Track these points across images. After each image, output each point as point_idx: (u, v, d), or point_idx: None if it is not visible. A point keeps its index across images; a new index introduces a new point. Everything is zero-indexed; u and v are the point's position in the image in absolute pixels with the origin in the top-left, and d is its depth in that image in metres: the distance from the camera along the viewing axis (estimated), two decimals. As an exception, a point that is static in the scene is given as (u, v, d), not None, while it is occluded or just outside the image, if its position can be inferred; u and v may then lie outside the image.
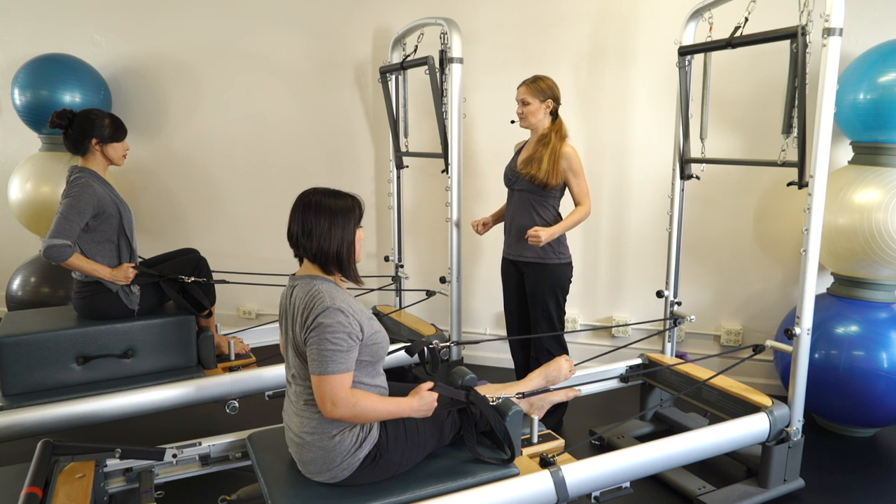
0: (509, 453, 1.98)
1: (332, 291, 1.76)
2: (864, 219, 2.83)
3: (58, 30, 4.23)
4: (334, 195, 1.83)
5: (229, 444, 2.23)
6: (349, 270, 1.84)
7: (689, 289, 3.58)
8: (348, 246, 1.82)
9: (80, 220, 2.53)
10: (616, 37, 3.57)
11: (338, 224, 1.79)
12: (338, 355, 1.68)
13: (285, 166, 4.16)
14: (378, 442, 1.82)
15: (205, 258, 2.91)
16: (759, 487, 2.49)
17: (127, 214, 2.71)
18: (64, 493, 1.80)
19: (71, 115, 2.66)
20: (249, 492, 2.10)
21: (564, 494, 1.97)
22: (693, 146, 2.93)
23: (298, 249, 1.84)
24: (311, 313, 1.72)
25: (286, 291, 1.88)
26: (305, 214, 1.79)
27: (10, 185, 3.88)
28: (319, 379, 1.68)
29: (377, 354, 1.84)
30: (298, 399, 1.84)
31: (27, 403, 2.41)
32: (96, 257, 2.62)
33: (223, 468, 2.25)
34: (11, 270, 3.95)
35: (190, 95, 4.19)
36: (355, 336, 1.72)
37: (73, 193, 2.56)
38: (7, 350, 2.45)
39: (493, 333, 3.99)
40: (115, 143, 2.71)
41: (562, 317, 2.92)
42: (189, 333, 2.77)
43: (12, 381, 2.47)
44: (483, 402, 1.98)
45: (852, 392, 2.85)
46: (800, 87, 2.32)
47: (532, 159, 2.81)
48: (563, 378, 2.39)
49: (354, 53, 3.96)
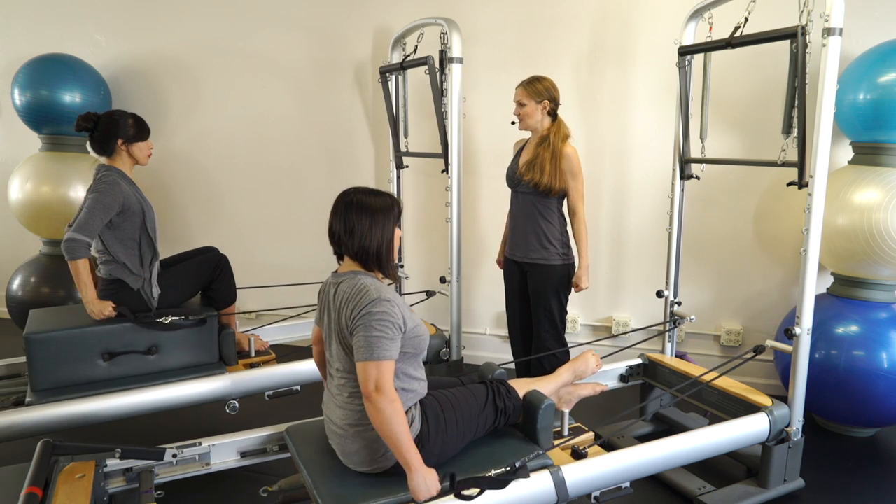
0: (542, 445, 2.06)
1: (378, 285, 1.83)
2: (864, 219, 2.83)
3: (58, 30, 4.24)
4: (375, 194, 1.89)
5: (267, 437, 2.28)
6: (388, 268, 1.90)
7: (689, 289, 3.58)
8: (388, 244, 1.88)
9: (104, 216, 2.58)
10: (616, 37, 3.57)
11: (378, 223, 1.85)
12: (383, 342, 1.73)
13: (285, 166, 4.16)
14: (420, 433, 1.88)
15: (225, 257, 2.95)
16: (759, 487, 2.49)
17: (150, 214, 2.75)
18: (64, 493, 1.80)
19: (96, 117, 2.72)
20: (290, 482, 2.14)
21: (564, 494, 1.97)
22: (693, 146, 2.93)
23: (340, 247, 1.89)
24: (358, 305, 1.77)
25: (328, 288, 1.92)
26: (347, 213, 1.84)
27: (10, 185, 3.88)
28: (365, 364, 1.72)
29: (419, 347, 1.89)
30: (342, 392, 1.88)
31: (54, 399, 2.45)
32: (118, 254, 2.66)
33: (261, 461, 2.31)
34: (11, 270, 3.95)
35: (190, 95, 4.19)
36: (399, 326, 1.78)
37: (101, 189, 2.61)
38: (36, 346, 2.48)
39: (493, 334, 3.99)
40: (140, 142, 2.77)
41: (564, 317, 2.92)
42: (211, 331, 2.81)
43: (41, 377, 2.51)
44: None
45: (852, 392, 2.85)
46: (800, 87, 2.31)
47: (534, 164, 2.80)
48: (590, 372, 2.48)
49: (354, 53, 3.96)
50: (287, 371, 2.80)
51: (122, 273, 2.66)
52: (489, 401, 2.05)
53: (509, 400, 2.08)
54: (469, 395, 2.03)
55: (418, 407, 1.91)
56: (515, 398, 2.10)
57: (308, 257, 4.16)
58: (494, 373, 2.27)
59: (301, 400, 2.79)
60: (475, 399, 2.03)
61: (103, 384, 2.57)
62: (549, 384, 2.31)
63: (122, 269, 2.66)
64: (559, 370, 2.42)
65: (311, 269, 4.04)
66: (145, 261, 2.72)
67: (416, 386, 1.92)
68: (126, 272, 2.66)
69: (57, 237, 3.93)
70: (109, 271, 2.67)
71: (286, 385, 2.79)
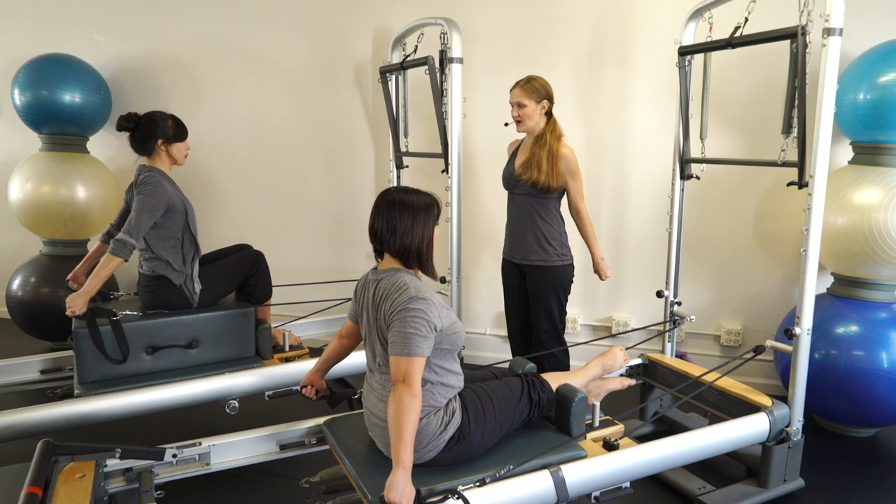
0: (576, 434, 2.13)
1: (417, 283, 1.87)
2: (864, 219, 2.83)
3: (58, 30, 4.24)
4: (415, 193, 1.95)
5: (306, 429, 2.32)
6: (428, 265, 1.95)
7: (689, 289, 3.58)
8: (428, 242, 1.93)
9: (151, 218, 2.67)
10: (616, 37, 3.57)
11: (419, 221, 1.90)
12: (416, 339, 1.77)
13: (285, 166, 4.16)
14: (461, 425, 1.91)
15: (261, 253, 3.04)
16: (759, 487, 2.49)
17: (192, 212, 2.84)
18: (64, 493, 1.80)
19: (136, 117, 2.79)
20: (331, 473, 2.18)
21: (564, 494, 1.97)
22: (693, 146, 2.93)
23: (381, 245, 1.93)
24: (396, 301, 1.82)
25: (368, 284, 1.96)
26: (390, 211, 1.90)
27: (10, 185, 3.88)
28: (398, 359, 1.77)
29: (456, 343, 1.93)
30: (384, 387, 1.91)
31: (101, 391, 2.52)
32: (161, 252, 2.74)
33: (300, 453, 2.33)
34: (11, 270, 3.95)
35: (190, 95, 4.19)
36: (433, 326, 1.81)
37: (146, 192, 2.68)
38: (84, 340, 2.56)
39: (493, 334, 3.99)
40: (179, 142, 2.85)
41: (563, 317, 2.92)
42: (248, 325, 2.91)
43: (88, 370, 2.59)
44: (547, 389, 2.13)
45: (852, 392, 2.85)
46: (800, 87, 2.31)
47: (531, 163, 2.79)
48: (618, 366, 2.54)
49: (354, 53, 3.96)
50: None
51: (164, 270, 2.75)
52: (524, 393, 2.10)
53: (543, 392, 2.13)
54: (505, 388, 2.08)
55: (458, 400, 1.95)
56: (549, 391, 2.16)
57: (308, 257, 4.16)
58: (525, 367, 2.31)
59: (300, 400, 2.79)
60: (511, 392, 2.08)
61: (147, 377, 2.67)
62: (579, 378, 2.37)
63: (164, 266, 2.75)
64: (589, 364, 2.48)
65: (311, 268, 4.04)
66: (187, 258, 2.80)
67: (453, 380, 1.96)
68: (169, 269, 2.75)
69: (57, 237, 3.93)
70: (152, 268, 2.76)
71: None
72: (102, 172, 4.03)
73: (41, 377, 2.91)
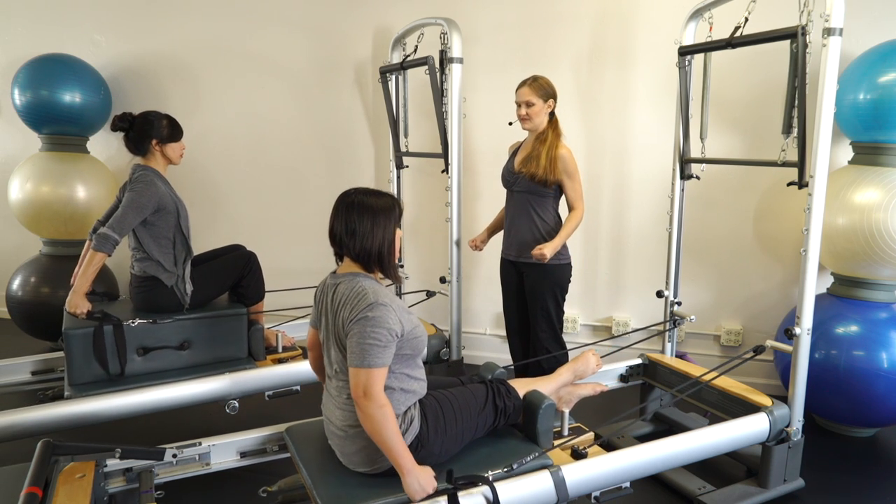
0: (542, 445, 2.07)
1: (376, 288, 1.81)
2: (864, 219, 2.83)
3: (58, 30, 4.23)
4: (375, 194, 1.88)
5: (266, 437, 2.28)
6: (389, 269, 1.89)
7: (689, 289, 3.58)
8: (389, 245, 1.87)
9: (139, 216, 2.66)
10: (616, 37, 3.57)
11: (380, 223, 1.84)
12: (376, 349, 1.72)
13: (285, 166, 4.16)
14: (419, 434, 1.87)
15: (253, 254, 3.02)
16: (759, 487, 2.49)
17: (184, 213, 2.83)
18: (64, 493, 1.80)
19: (131, 117, 2.79)
20: (289, 483, 2.14)
21: (564, 494, 1.97)
22: (693, 146, 2.93)
23: (341, 248, 1.88)
24: (355, 308, 1.77)
25: (327, 289, 1.91)
26: (349, 214, 1.84)
27: (10, 185, 3.88)
28: (357, 371, 1.73)
29: (417, 348, 1.89)
30: (341, 393, 1.88)
31: (92, 393, 2.50)
32: (153, 252, 2.73)
33: (261, 461, 2.30)
34: (11, 270, 3.95)
35: (190, 95, 4.19)
36: (395, 333, 1.77)
37: (137, 189, 2.68)
38: (75, 342, 2.54)
39: (493, 333, 3.99)
40: (174, 142, 2.84)
41: (560, 316, 2.92)
42: (241, 327, 2.88)
43: (78, 372, 2.57)
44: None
45: (852, 392, 2.85)
46: (800, 87, 2.31)
47: (530, 157, 2.81)
48: (590, 372, 2.47)
49: (354, 53, 3.96)
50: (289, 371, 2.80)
51: (156, 270, 2.74)
52: (489, 400, 2.05)
53: (509, 400, 2.08)
54: (469, 395, 2.03)
55: (417, 407, 1.91)
56: (515, 398, 2.10)
57: (308, 258, 4.15)
58: (495, 372, 2.27)
59: (300, 400, 2.79)
60: (475, 399, 2.03)
61: (138, 378, 2.64)
62: (549, 384, 2.31)
63: (156, 267, 2.74)
64: (559, 370, 2.42)
65: (311, 269, 4.03)
66: (179, 259, 2.79)
67: (415, 386, 1.92)
68: (160, 269, 2.74)
69: (57, 237, 3.93)
70: (144, 268, 2.75)
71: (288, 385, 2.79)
72: (102, 172, 4.03)
73: (32, 378, 2.90)
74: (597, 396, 2.53)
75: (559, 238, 2.77)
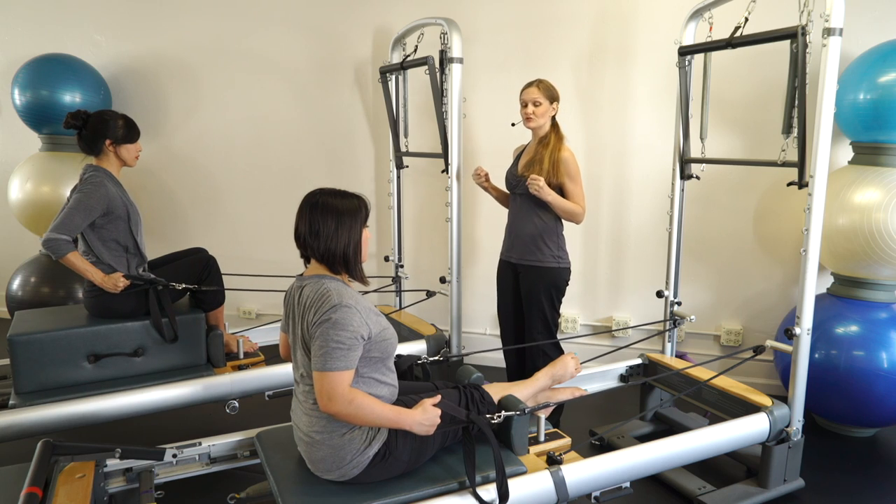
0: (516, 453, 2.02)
1: (341, 290, 1.78)
2: (864, 219, 2.83)
3: (58, 30, 4.23)
4: (341, 195, 1.84)
5: (237, 442, 2.23)
6: (355, 270, 1.86)
7: (689, 289, 3.58)
8: (355, 246, 1.84)
9: (87, 217, 2.56)
10: (616, 37, 3.57)
11: (345, 224, 1.81)
12: (339, 352, 1.69)
13: (285, 166, 4.16)
14: (387, 440, 1.83)
15: (213, 258, 2.91)
16: (759, 487, 2.49)
17: (135, 217, 2.73)
18: (64, 493, 1.80)
19: (85, 115, 2.69)
20: (258, 490, 2.11)
21: (564, 494, 1.97)
22: (693, 146, 2.93)
23: (306, 250, 1.85)
24: (319, 311, 1.73)
25: (293, 292, 1.88)
26: (313, 215, 1.81)
27: (10, 185, 3.88)
28: (320, 375, 1.70)
29: (387, 351, 1.86)
30: (307, 399, 1.84)
31: (39, 402, 2.42)
32: (103, 255, 2.64)
33: (230, 466, 2.26)
34: (11, 270, 3.95)
35: (190, 95, 4.19)
36: (360, 335, 1.73)
37: (85, 190, 2.58)
38: (20, 348, 2.46)
39: (493, 333, 3.99)
40: (129, 144, 2.74)
41: (556, 319, 2.91)
42: (199, 332, 2.78)
43: (25, 380, 2.48)
44: (483, 422, 1.95)
45: (852, 392, 2.85)
46: (800, 87, 2.31)
47: (533, 161, 2.82)
48: (569, 376, 2.40)
49: (354, 53, 3.96)
50: (279, 372, 2.78)
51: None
52: (461, 406, 1.99)
53: (483, 406, 2.02)
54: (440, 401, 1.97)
55: None
56: (489, 403, 2.04)
57: (308, 257, 4.15)
58: (471, 377, 2.22)
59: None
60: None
61: (88, 387, 2.53)
62: (525, 389, 2.25)
63: (107, 271, 2.64)
64: (537, 374, 2.36)
65: (311, 269, 4.04)
66: (131, 263, 2.70)
67: (384, 391, 1.87)
68: (112, 273, 2.65)
69: (57, 237, 3.93)
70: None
71: (276, 387, 2.74)
72: (102, 172, 4.03)
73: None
74: (597, 396, 2.52)
75: (556, 198, 2.74)
